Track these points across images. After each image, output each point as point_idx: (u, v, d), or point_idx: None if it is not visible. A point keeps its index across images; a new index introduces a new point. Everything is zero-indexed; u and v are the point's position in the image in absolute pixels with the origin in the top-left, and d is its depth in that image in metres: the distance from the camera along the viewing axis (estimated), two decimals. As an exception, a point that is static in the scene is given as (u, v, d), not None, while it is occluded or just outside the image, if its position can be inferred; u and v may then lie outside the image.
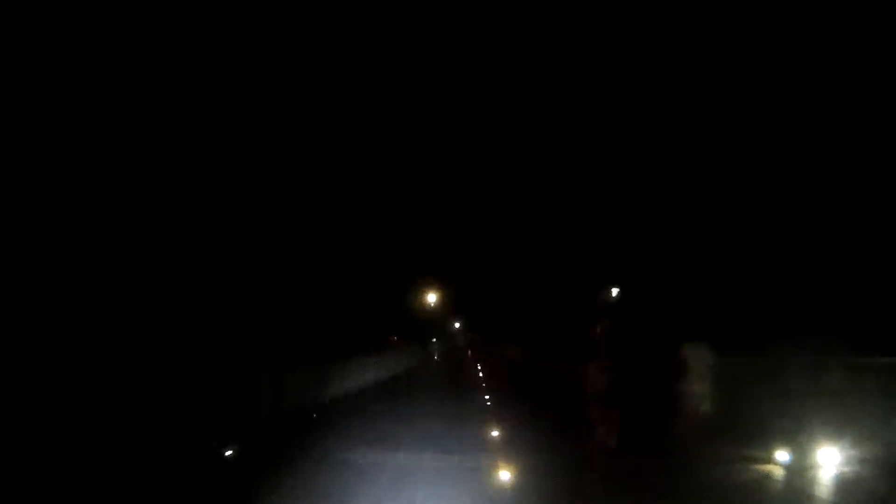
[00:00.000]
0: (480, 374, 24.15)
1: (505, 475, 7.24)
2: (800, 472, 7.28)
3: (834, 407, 8.00)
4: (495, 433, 9.20)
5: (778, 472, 7.39)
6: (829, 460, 7.52)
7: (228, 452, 7.32)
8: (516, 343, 37.52)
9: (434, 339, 44.73)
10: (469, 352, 48.01)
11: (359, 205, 26.68)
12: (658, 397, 10.91)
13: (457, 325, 59.83)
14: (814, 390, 9.24)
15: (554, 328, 34.08)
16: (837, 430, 7.60)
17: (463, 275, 44.81)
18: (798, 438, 7.57)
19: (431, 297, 39.59)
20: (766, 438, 8.07)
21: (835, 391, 9.01)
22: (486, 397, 14.30)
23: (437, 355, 40.74)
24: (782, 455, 7.76)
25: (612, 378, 9.02)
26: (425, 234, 35.84)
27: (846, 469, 7.37)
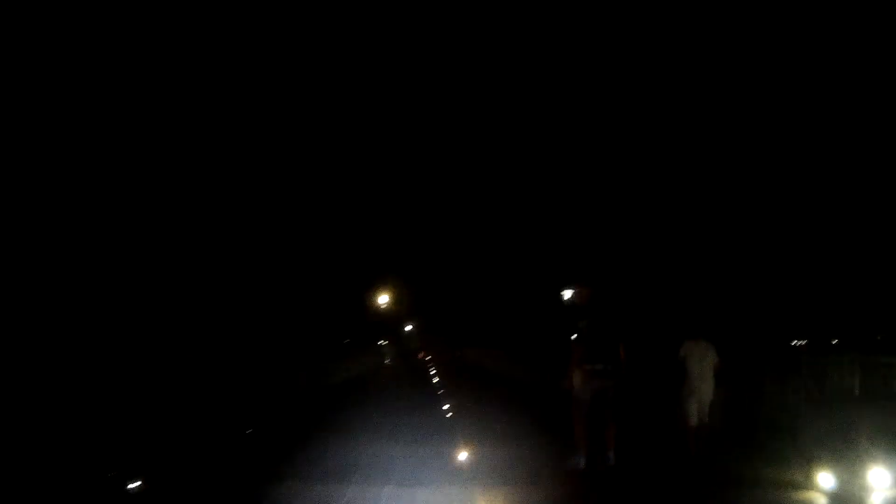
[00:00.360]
0: (437, 379, 22.58)
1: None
2: (849, 499, 5.89)
3: (885, 417, 6.54)
4: (462, 455, 7.57)
5: (821, 501, 6.07)
6: (884, 484, 6.06)
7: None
8: (480, 345, 36.26)
9: (386, 342, 42.81)
10: (425, 355, 46.18)
11: (306, 199, 24.84)
12: (657, 406, 9.46)
13: (410, 327, 58.04)
14: (858, 396, 7.82)
15: (523, 328, 33.08)
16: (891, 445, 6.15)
17: (421, 275, 43.30)
18: (844, 457, 6.11)
19: (384, 298, 37.54)
20: (802, 456, 6.72)
21: (888, 397, 7.57)
22: (445, 407, 12.66)
23: (390, 359, 38.94)
24: (826, 479, 6.34)
25: (603, 385, 7.43)
26: (381, 232, 34.19)
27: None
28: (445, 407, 12.75)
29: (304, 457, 7.50)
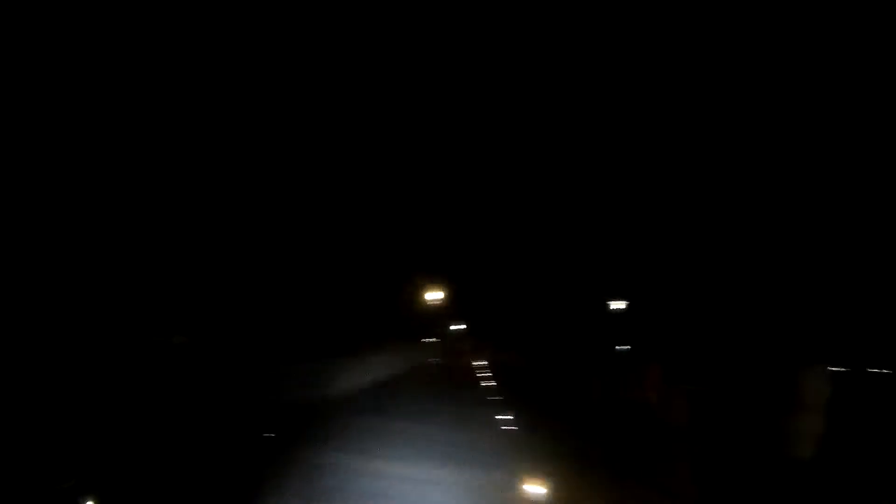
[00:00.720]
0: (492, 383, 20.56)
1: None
2: None
3: None
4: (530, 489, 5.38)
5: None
6: None
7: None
8: (525, 353, 34.56)
9: (430, 340, 41.13)
10: (471, 360, 44.46)
11: (357, 197, 24.32)
12: (752, 433, 7.57)
13: (456, 326, 56.13)
14: None
15: (578, 337, 31.91)
16: None
17: (468, 274, 41.49)
18: None
19: (432, 296, 36.21)
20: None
21: None
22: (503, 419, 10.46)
23: (435, 358, 37.28)
24: None
25: (692, 406, 5.66)
26: (427, 231, 32.91)
27: None
28: (503, 418, 10.72)
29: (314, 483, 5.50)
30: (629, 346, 35.06)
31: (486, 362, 37.65)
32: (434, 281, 36.45)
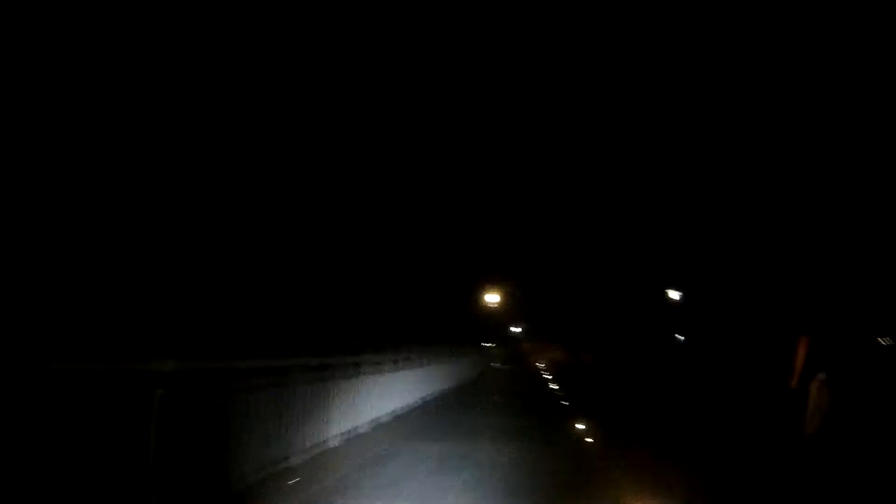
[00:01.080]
0: (557, 387, 20.86)
1: None
2: None
3: None
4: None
5: None
6: None
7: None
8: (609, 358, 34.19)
9: (494, 345, 41.61)
10: (541, 363, 44.44)
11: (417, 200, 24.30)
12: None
13: (518, 329, 56.59)
14: None
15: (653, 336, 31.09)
16: None
17: (530, 275, 42.21)
18: None
19: (493, 298, 36.44)
20: None
21: None
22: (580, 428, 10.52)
23: (501, 363, 37.92)
24: None
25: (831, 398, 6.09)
26: (488, 231, 33.56)
27: None
28: (580, 428, 10.30)
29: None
30: (685, 337, 35.33)
31: (546, 364, 38.29)
32: (491, 283, 37.35)
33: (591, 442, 10.07)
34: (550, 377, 27.25)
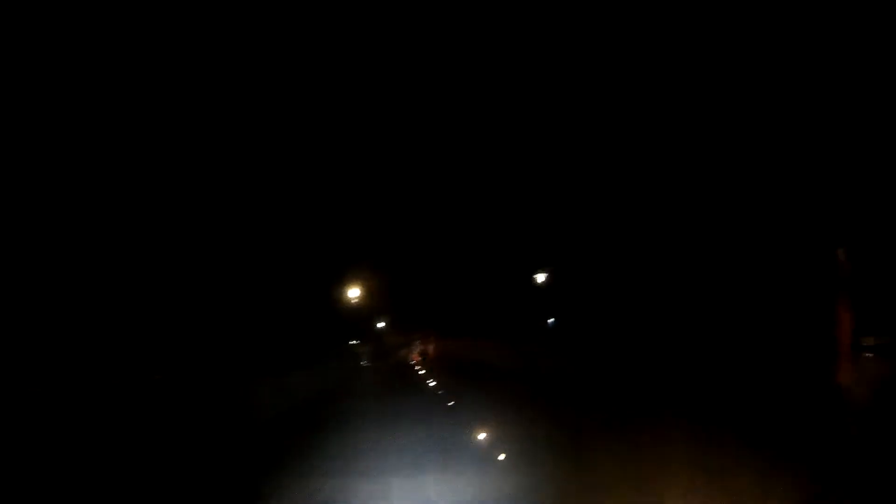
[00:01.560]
0: (434, 382, 19.30)
1: None
2: None
3: None
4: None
5: None
6: None
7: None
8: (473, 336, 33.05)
9: (360, 342, 39.15)
10: (404, 355, 42.48)
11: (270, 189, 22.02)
12: None
13: (383, 323, 54.34)
14: None
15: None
16: None
17: (392, 265, 40.25)
18: None
19: (354, 293, 33.81)
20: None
21: None
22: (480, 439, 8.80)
23: (367, 361, 35.63)
24: None
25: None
26: (349, 221, 31.31)
27: None
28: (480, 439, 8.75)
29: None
30: (555, 319, 35.13)
31: (418, 357, 36.60)
32: (353, 277, 34.86)
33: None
34: (424, 371, 25.60)
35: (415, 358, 36.92)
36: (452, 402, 12.67)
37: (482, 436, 8.76)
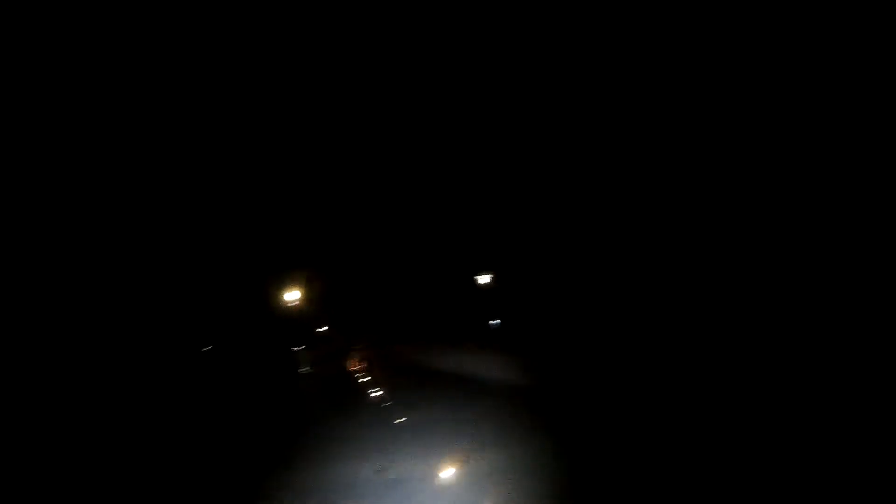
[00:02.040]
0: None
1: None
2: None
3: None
4: None
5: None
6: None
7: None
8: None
9: (304, 347, 37.74)
10: (344, 363, 41.39)
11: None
12: None
13: (326, 327, 52.88)
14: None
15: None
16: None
17: (332, 269, 39.29)
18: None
19: (292, 295, 32.95)
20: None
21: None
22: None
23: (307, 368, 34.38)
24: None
25: None
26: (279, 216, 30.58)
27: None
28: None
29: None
30: (500, 321, 34.92)
31: (359, 363, 35.54)
32: (289, 278, 33.55)
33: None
34: (363, 373, 25.15)
35: (356, 365, 36.01)
36: (403, 419, 11.60)
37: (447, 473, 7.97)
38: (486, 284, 30.93)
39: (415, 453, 6.97)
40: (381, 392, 15.36)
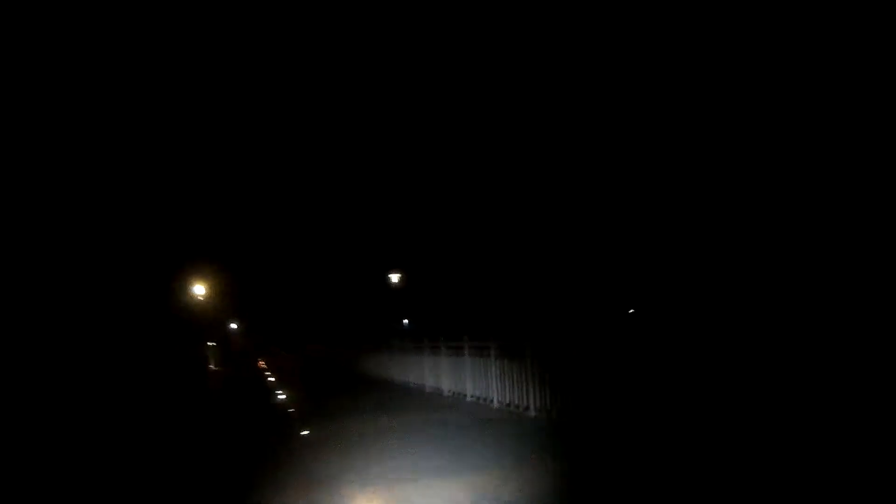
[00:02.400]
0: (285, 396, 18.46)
1: None
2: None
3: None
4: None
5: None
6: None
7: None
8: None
9: (214, 344, 36.93)
10: (254, 361, 40.75)
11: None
12: None
13: (234, 325, 51.52)
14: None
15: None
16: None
17: (245, 266, 38.68)
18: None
19: (200, 290, 32.21)
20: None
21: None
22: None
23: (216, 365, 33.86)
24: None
25: None
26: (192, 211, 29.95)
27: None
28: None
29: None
30: (408, 321, 35.53)
31: (266, 365, 35.00)
32: (203, 272, 32.85)
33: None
34: (275, 378, 24.10)
35: (262, 365, 35.47)
36: (307, 432, 10.67)
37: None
38: (397, 285, 31.47)
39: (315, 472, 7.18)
40: (284, 396, 15.33)
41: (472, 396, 11.15)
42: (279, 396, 15.57)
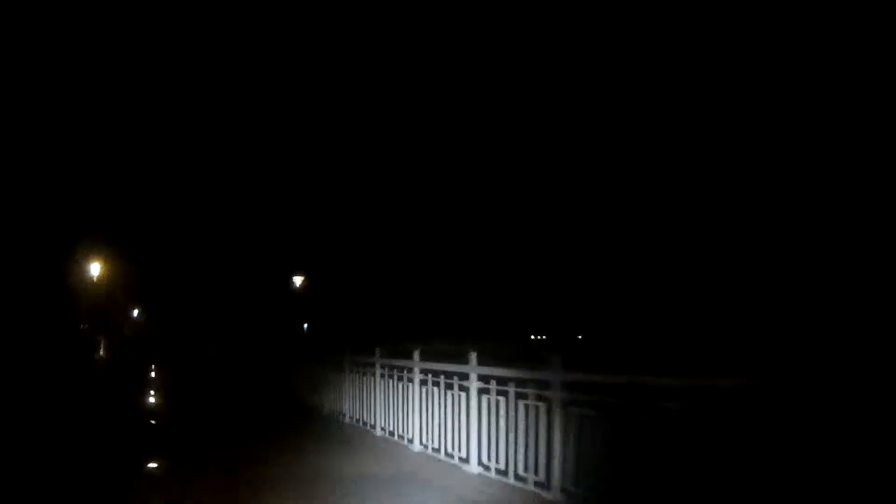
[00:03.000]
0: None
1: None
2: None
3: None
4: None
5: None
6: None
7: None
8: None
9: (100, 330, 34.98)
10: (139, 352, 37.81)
11: None
12: None
13: (135, 312, 49.66)
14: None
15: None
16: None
17: (145, 251, 37.70)
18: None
19: (94, 268, 29.26)
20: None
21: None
22: None
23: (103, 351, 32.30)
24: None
25: None
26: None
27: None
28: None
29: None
30: (308, 324, 35.35)
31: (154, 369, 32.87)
32: (90, 249, 30.81)
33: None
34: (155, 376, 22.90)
35: (152, 367, 33.86)
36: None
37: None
38: (299, 288, 31.15)
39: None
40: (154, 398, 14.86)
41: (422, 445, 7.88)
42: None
